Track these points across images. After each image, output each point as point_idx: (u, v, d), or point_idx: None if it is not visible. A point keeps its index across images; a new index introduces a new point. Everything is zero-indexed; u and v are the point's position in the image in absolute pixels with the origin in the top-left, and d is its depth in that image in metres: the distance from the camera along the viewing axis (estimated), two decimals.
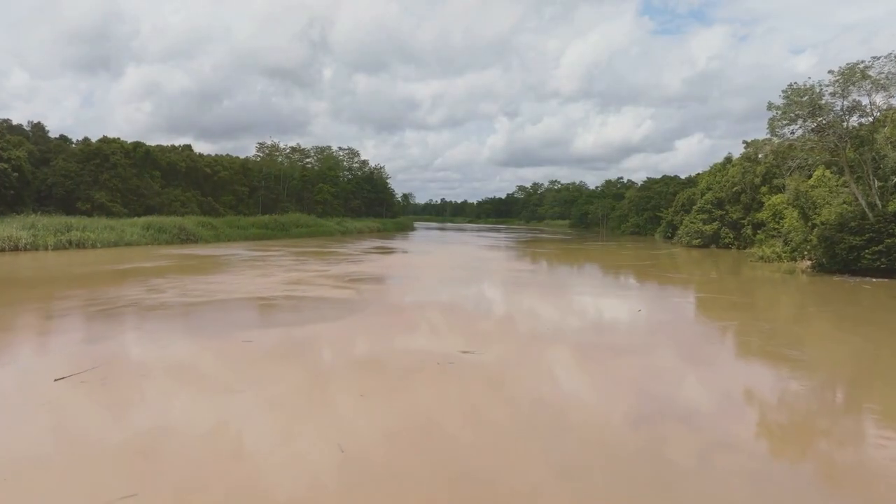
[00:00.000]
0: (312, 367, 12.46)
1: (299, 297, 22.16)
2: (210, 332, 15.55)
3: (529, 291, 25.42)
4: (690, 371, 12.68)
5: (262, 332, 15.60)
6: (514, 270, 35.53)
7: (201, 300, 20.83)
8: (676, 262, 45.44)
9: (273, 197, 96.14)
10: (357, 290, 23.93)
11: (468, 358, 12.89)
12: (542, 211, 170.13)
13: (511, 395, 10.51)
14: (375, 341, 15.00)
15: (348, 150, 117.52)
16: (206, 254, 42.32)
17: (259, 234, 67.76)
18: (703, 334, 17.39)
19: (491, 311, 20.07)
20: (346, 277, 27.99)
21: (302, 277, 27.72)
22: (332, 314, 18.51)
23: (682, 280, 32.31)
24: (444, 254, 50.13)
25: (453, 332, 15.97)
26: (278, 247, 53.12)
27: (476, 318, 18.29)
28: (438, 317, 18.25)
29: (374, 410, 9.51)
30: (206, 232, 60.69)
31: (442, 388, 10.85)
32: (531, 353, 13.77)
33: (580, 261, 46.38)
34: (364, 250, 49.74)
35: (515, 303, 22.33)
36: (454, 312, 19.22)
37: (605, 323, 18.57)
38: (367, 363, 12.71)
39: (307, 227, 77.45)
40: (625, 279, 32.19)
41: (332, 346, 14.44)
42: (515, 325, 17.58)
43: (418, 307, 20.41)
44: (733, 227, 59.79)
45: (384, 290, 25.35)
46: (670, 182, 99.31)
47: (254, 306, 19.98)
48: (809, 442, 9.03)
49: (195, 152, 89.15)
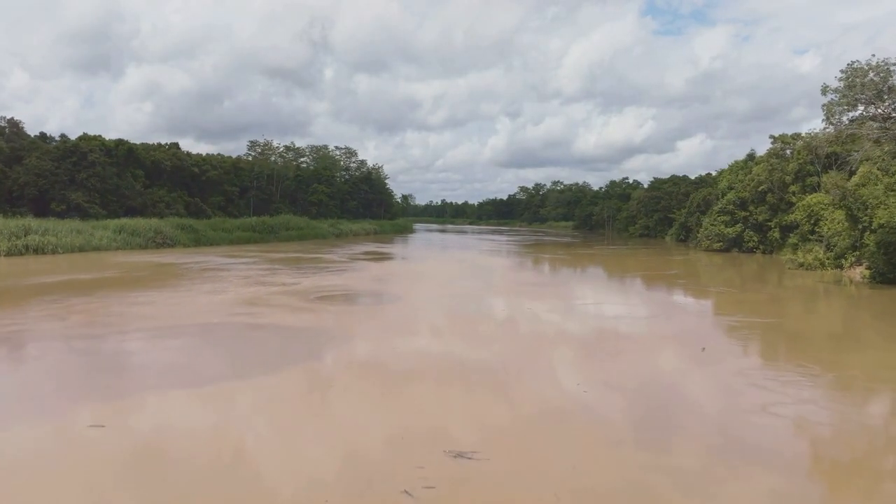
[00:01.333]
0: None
1: (239, 325, 16.42)
2: (51, 402, 9.79)
3: (551, 325, 19.61)
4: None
5: (134, 402, 9.84)
6: (525, 285, 29.74)
7: (101, 332, 15.10)
8: (705, 271, 39.60)
9: (265, 198, 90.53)
10: (321, 315, 18.19)
11: (470, 469, 7.13)
12: (545, 212, 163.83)
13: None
14: (299, 433, 9.24)
15: (345, 150, 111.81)
16: (171, 261, 36.63)
17: (244, 237, 62.07)
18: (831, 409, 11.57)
19: (491, 366, 13.12)
20: (316, 294, 22.25)
21: (260, 295, 21.98)
22: (260, 361, 12.76)
23: (724, 296, 26.46)
24: (441, 261, 44.40)
25: (441, 406, 10.22)
26: (259, 252, 47.45)
27: (473, 374, 12.51)
28: (423, 373, 12.48)
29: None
30: (185, 235, 55.05)
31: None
32: (564, 455, 7.98)
33: (597, 270, 40.58)
34: (353, 256, 44.02)
35: (535, 352, 16.53)
36: (444, 367, 13.44)
37: (667, 378, 12.71)
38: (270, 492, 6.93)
39: (298, 229, 71.70)
40: (657, 295, 26.38)
41: (213, 446, 8.66)
42: (536, 396, 11.80)
43: (393, 352, 14.63)
44: (758, 230, 53.91)
45: (356, 317, 19.58)
46: (680, 182, 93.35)
47: (164, 345, 14.18)
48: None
49: (182, 150, 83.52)
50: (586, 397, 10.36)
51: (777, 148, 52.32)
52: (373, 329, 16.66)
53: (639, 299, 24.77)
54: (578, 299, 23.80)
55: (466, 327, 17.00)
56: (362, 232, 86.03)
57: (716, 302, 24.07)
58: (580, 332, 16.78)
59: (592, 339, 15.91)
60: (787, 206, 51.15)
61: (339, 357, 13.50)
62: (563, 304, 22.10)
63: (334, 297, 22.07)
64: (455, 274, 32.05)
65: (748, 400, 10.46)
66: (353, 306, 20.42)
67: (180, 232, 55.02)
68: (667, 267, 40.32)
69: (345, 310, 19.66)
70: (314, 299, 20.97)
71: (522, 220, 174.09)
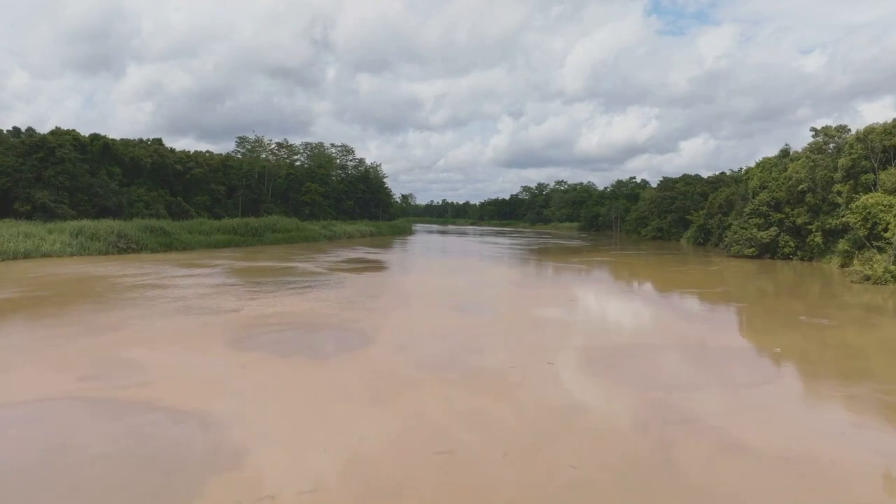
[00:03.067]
0: None
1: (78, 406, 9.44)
2: None
3: (612, 408, 12.52)
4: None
5: None
6: (548, 318, 22.69)
7: None
8: (762, 288, 32.49)
9: (254, 197, 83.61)
10: (223, 389, 11.19)
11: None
12: (549, 212, 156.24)
13: None
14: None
15: (342, 147, 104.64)
16: (112, 272, 29.65)
17: (224, 241, 55.02)
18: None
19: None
20: (250, 332, 15.27)
21: (165, 332, 14.99)
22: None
23: (803, 327, 19.39)
24: (436, 273, 37.36)
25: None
26: (231, 258, 40.54)
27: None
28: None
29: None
30: (155, 239, 48.03)
31: None
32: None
33: (623, 285, 33.52)
34: (334, 265, 37.01)
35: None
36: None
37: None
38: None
39: (285, 231, 64.62)
40: (717, 332, 19.29)
41: None
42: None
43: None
44: (795, 234, 46.76)
45: (279, 390, 12.49)
46: (694, 181, 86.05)
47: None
48: None
49: (165, 147, 76.68)
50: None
51: (819, 142, 45.09)
52: (295, 427, 9.57)
53: (686, 330, 17.75)
54: (631, 346, 16.77)
55: (463, 411, 10.02)
56: (357, 234, 78.99)
57: (845, 352, 16.95)
58: (662, 433, 9.76)
59: (686, 449, 8.89)
60: (830, 207, 43.98)
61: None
62: (610, 349, 15.08)
63: (273, 335, 15.09)
64: (451, 293, 24.98)
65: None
66: (290, 358, 13.35)
67: (148, 235, 48.06)
68: (712, 281, 33.13)
69: (270, 367, 12.62)
70: (239, 341, 14.01)
71: (525, 220, 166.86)
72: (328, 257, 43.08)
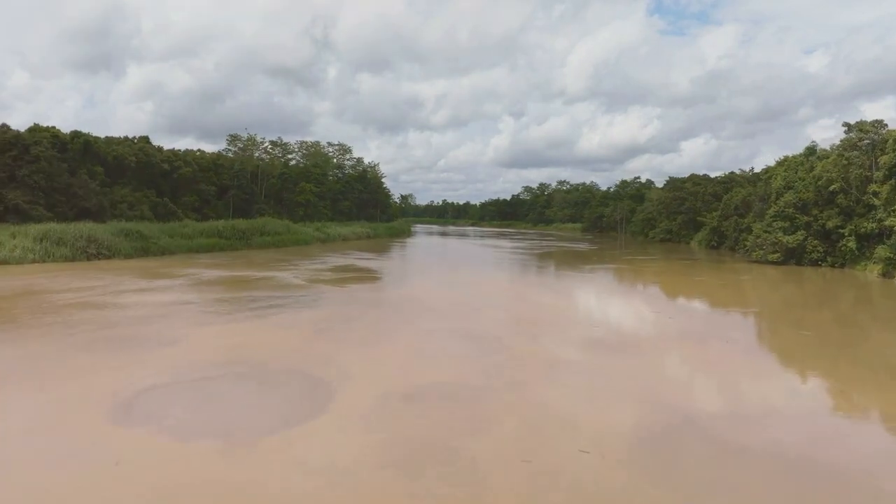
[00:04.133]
0: None
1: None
2: None
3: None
4: None
5: None
6: (565, 343, 18.34)
7: None
8: (798, 302, 28.16)
9: (246, 198, 79.37)
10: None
11: None
12: (551, 213, 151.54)
13: None
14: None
15: (339, 146, 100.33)
16: (48, 286, 25.31)
17: (208, 244, 50.66)
18: None
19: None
20: (168, 387, 11.04)
21: (57, 406, 10.71)
22: None
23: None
24: (432, 286, 33.04)
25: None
26: (208, 265, 36.29)
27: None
28: None
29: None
30: (130, 243, 43.66)
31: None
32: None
33: (653, 302, 29.20)
34: (317, 275, 32.73)
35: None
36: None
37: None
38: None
39: (276, 234, 60.27)
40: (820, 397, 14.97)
41: None
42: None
43: None
44: (824, 239, 42.38)
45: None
46: (703, 181, 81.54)
47: None
48: None
49: (152, 145, 72.48)
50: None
51: (852, 138, 40.69)
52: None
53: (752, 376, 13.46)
54: (698, 417, 12.45)
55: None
56: (353, 236, 74.67)
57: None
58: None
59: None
60: (865, 209, 39.62)
61: None
62: (665, 423, 10.78)
63: (193, 392, 10.79)
64: (447, 316, 20.61)
65: None
66: (194, 443, 8.89)
67: (122, 239, 43.70)
68: (743, 297, 28.83)
69: (154, 464, 8.28)
70: (138, 405, 9.72)
71: (527, 221, 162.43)
72: (315, 264, 38.79)
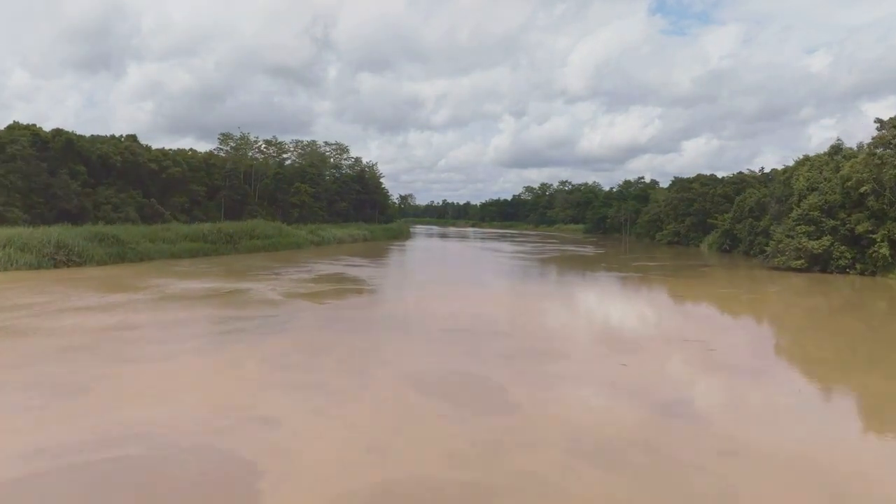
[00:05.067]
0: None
1: None
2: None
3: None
4: None
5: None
6: (588, 393, 14.78)
7: None
8: (847, 321, 24.67)
9: (238, 199, 75.88)
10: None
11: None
12: (553, 214, 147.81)
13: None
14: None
15: (335, 146, 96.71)
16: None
17: (192, 249, 47.13)
18: None
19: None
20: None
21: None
22: None
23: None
24: (424, 299, 29.55)
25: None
26: (177, 275, 32.86)
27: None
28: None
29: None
30: (104, 249, 40.05)
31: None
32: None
33: (682, 323, 25.75)
34: (300, 285, 29.27)
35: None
36: None
37: None
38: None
39: (266, 237, 56.74)
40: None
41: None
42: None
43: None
44: (853, 244, 38.88)
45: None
46: (713, 182, 77.94)
47: None
48: None
49: (140, 144, 68.96)
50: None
51: (885, 136, 37.19)
52: None
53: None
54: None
55: None
56: (349, 239, 71.16)
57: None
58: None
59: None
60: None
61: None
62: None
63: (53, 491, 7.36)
64: (439, 350, 17.01)
65: None
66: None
67: (96, 245, 40.13)
68: (803, 314, 25.33)
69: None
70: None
71: (528, 222, 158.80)
72: (300, 272, 35.31)
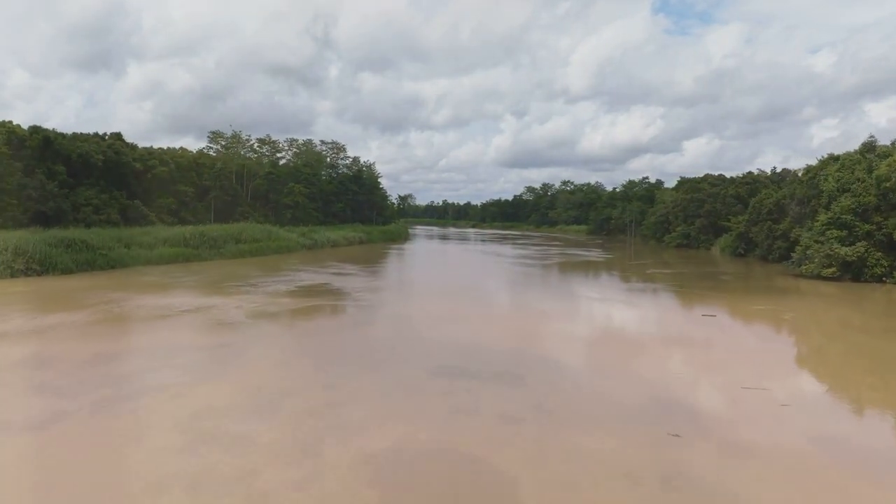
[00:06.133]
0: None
1: None
2: None
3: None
4: None
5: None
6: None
7: None
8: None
9: (229, 200, 72.07)
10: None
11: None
12: (555, 215, 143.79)
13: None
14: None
15: (332, 145, 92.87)
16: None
17: (171, 254, 43.40)
18: None
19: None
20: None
21: None
22: None
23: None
24: (411, 322, 25.79)
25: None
26: (139, 288, 29.15)
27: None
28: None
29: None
30: (71, 256, 36.33)
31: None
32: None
33: (725, 355, 21.92)
34: (272, 300, 25.51)
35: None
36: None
37: None
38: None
39: (254, 241, 53.03)
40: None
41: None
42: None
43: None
44: (890, 250, 35.02)
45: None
46: (723, 182, 74.05)
47: None
48: None
49: (124, 142, 65.13)
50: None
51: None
52: None
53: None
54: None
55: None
56: (343, 242, 67.38)
57: None
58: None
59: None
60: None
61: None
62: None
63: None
64: (424, 404, 13.06)
65: None
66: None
67: (63, 251, 36.40)
68: (864, 337, 21.48)
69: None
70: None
71: (529, 222, 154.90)
72: (278, 283, 31.50)
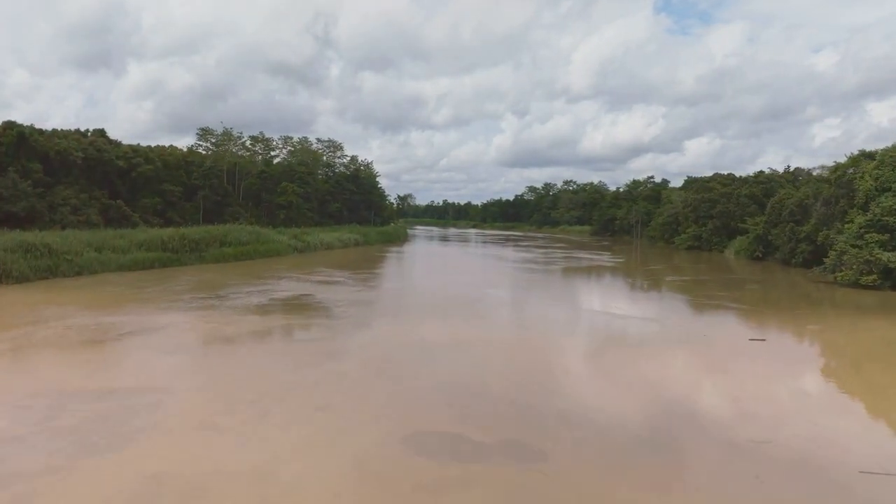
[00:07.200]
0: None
1: None
2: None
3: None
4: None
5: None
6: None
7: None
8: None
9: (219, 199, 68.21)
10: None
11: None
12: (557, 215, 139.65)
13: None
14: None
15: (329, 143, 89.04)
16: None
17: (147, 259, 39.42)
18: None
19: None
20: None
21: None
22: None
23: None
24: (397, 348, 21.82)
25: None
26: (90, 302, 25.42)
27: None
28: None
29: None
30: (29, 262, 32.35)
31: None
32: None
33: (816, 410, 17.85)
34: (239, 317, 21.69)
35: None
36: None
37: None
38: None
39: (240, 244, 49.07)
40: None
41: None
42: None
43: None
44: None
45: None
46: (735, 182, 70.11)
47: None
48: None
49: (108, 139, 61.37)
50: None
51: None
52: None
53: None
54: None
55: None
56: (338, 244, 63.36)
57: None
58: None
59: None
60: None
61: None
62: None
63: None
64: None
65: None
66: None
67: (20, 256, 32.45)
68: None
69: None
70: None
71: (531, 223, 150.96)
72: (252, 294, 27.58)
